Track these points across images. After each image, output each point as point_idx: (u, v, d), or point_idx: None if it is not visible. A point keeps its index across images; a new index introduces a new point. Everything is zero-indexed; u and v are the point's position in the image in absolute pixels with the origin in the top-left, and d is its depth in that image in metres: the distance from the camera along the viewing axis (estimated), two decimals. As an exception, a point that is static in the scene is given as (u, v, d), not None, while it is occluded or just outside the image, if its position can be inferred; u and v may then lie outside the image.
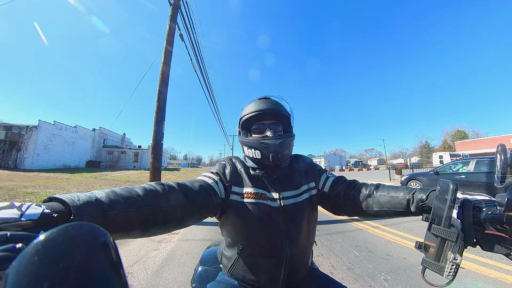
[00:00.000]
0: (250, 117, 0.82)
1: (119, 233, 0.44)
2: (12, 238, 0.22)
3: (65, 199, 0.36)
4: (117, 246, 0.20)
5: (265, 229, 0.73)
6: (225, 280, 0.78)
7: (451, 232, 0.46)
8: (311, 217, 0.81)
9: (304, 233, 0.77)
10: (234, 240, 0.78)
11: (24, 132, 17.56)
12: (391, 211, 0.68)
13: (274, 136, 0.78)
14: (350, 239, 3.52)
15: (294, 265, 0.75)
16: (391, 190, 0.70)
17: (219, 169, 0.81)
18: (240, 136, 0.88)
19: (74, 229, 0.18)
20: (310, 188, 0.83)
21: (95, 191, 0.44)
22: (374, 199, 0.72)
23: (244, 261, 0.75)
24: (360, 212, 0.76)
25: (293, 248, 0.73)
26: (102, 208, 0.40)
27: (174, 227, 0.58)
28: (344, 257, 2.79)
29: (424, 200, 0.59)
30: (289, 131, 0.88)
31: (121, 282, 0.19)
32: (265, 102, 0.82)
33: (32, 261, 0.16)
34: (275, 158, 0.76)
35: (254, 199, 0.74)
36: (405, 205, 0.64)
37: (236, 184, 0.78)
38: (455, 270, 0.45)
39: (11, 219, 0.25)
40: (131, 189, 0.50)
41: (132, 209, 0.46)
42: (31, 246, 0.17)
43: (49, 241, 0.17)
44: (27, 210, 0.27)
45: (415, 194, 0.62)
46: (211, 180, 0.74)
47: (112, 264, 0.19)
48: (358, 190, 0.77)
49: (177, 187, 0.60)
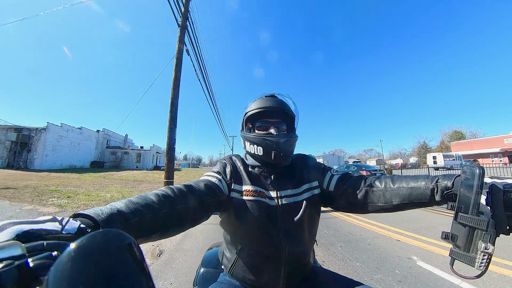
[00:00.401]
0: (255, 113, 0.82)
1: (141, 238, 0.48)
2: (48, 247, 0.24)
3: (91, 214, 0.39)
4: (141, 249, 0.22)
5: (263, 227, 0.73)
6: (226, 281, 0.79)
7: (481, 220, 0.43)
8: (312, 216, 0.79)
9: (304, 232, 0.76)
10: (233, 240, 0.79)
11: (33, 134, 18.42)
12: (412, 203, 0.64)
13: (279, 134, 0.78)
14: (325, 222, 4.50)
15: (294, 264, 0.74)
16: (410, 181, 0.66)
17: (220, 168, 0.83)
18: (243, 131, 0.88)
19: (101, 235, 0.21)
20: (312, 188, 0.81)
21: (114, 203, 0.47)
22: (393, 192, 0.67)
23: (244, 261, 0.76)
24: (378, 209, 0.71)
25: (292, 247, 0.72)
26: (124, 218, 0.44)
27: (188, 226, 0.61)
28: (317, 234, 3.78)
29: (450, 187, 0.55)
30: (293, 132, 0.88)
31: (147, 282, 0.20)
32: (272, 100, 0.82)
33: (67, 267, 0.18)
34: (277, 156, 0.76)
35: (253, 197, 0.75)
36: (429, 195, 0.60)
37: (236, 182, 0.79)
38: (487, 261, 0.42)
39: (53, 231, 0.28)
40: (146, 196, 0.53)
41: (150, 214, 0.49)
42: (65, 254, 0.19)
43: (80, 248, 0.19)
44: (67, 224, 0.30)
45: (439, 182, 0.58)
46: (215, 178, 0.76)
47: (138, 266, 0.20)
48: (371, 185, 0.73)
49: (186, 189, 0.63)
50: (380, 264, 2.57)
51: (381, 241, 3.41)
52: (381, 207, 0.70)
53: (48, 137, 18.65)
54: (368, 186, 0.73)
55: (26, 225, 0.27)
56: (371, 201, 0.72)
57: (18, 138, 17.77)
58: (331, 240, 3.47)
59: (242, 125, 0.89)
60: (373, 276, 2.31)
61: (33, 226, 0.27)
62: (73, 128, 21.98)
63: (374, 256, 2.83)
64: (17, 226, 0.26)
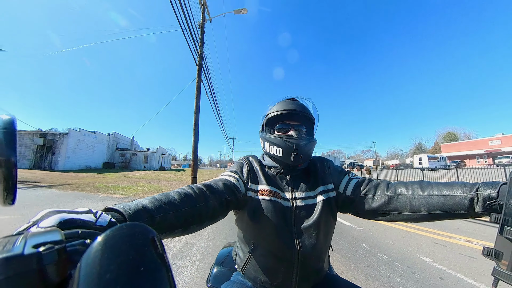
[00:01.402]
0: (275, 116, 0.83)
1: (164, 233, 0.50)
2: (83, 235, 0.27)
3: (120, 209, 0.42)
4: (163, 243, 0.24)
5: (276, 228, 0.73)
6: (239, 280, 0.80)
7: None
8: (327, 220, 0.76)
9: (318, 235, 0.73)
10: (247, 238, 0.80)
11: (57, 138, 20.70)
12: (445, 214, 0.58)
13: (299, 137, 0.79)
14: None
15: (307, 269, 0.73)
16: (444, 188, 0.59)
17: (237, 168, 0.85)
18: (263, 132, 0.89)
19: (128, 228, 0.22)
20: (328, 190, 0.80)
21: (140, 200, 0.50)
22: (422, 200, 0.62)
23: (256, 260, 0.76)
24: (404, 217, 0.66)
25: (305, 250, 0.71)
26: (149, 214, 0.47)
27: (208, 224, 0.63)
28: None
29: (494, 197, 0.49)
30: (311, 135, 0.89)
31: (168, 274, 0.22)
32: (293, 103, 0.83)
33: (97, 254, 0.20)
34: (297, 158, 0.76)
35: (268, 196, 0.76)
36: (467, 205, 0.54)
37: (253, 181, 0.81)
38: None
39: (89, 222, 0.30)
40: (168, 194, 0.56)
41: (172, 211, 0.52)
42: (96, 242, 0.21)
43: (109, 238, 0.21)
44: (100, 217, 0.33)
45: (480, 190, 0.52)
46: (233, 178, 0.78)
47: (160, 258, 0.22)
48: (395, 191, 0.68)
49: (205, 189, 0.65)
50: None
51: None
52: (408, 216, 0.65)
53: (69, 141, 20.95)
54: (392, 192, 0.69)
55: (67, 214, 0.30)
56: (395, 209, 0.68)
57: (44, 142, 20.07)
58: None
59: (262, 126, 0.90)
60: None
61: (73, 216, 0.30)
62: (89, 133, 24.29)
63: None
64: (60, 215, 0.29)
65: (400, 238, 3.78)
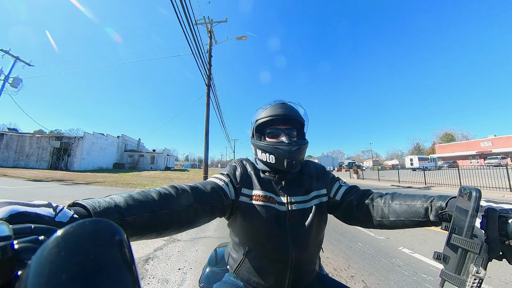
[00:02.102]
0: (265, 121, 0.83)
1: (135, 236, 0.46)
2: (36, 230, 0.24)
3: (87, 205, 0.38)
4: (130, 244, 0.22)
5: (272, 232, 0.73)
6: (230, 281, 0.80)
7: (474, 243, 0.42)
8: (319, 223, 0.79)
9: (311, 239, 0.76)
10: (241, 241, 0.80)
11: (73, 141, 22.53)
12: (408, 221, 0.66)
13: (290, 142, 0.79)
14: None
15: (300, 270, 0.75)
16: (408, 199, 0.68)
17: (230, 171, 0.83)
18: (253, 139, 0.89)
19: (91, 224, 0.20)
20: (320, 195, 0.83)
21: (114, 196, 0.46)
22: (390, 208, 0.70)
23: (250, 263, 0.76)
24: (376, 224, 0.73)
25: (299, 253, 0.73)
26: (120, 214, 0.43)
27: (187, 228, 0.60)
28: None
29: (443, 207, 0.56)
30: (302, 137, 0.89)
31: (133, 278, 0.20)
32: (282, 107, 0.83)
33: (52, 253, 0.17)
34: (290, 164, 0.77)
35: (262, 202, 0.76)
36: (423, 213, 0.61)
37: (246, 186, 0.80)
38: (478, 285, 0.41)
39: (46, 217, 0.27)
40: (147, 193, 0.53)
41: (148, 213, 0.48)
42: (52, 239, 0.18)
43: (68, 235, 0.18)
44: (60, 212, 0.29)
45: (433, 201, 0.60)
46: (222, 182, 0.76)
47: (125, 260, 0.20)
48: (372, 199, 0.76)
49: (190, 190, 0.62)
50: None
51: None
52: (379, 222, 0.72)
53: (84, 143, 22.80)
54: (370, 200, 0.76)
55: (21, 206, 0.26)
56: (370, 215, 0.74)
57: (61, 145, 21.91)
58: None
59: (253, 133, 0.90)
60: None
61: (28, 209, 0.27)
62: (101, 135, 26.14)
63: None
64: (12, 207, 0.26)
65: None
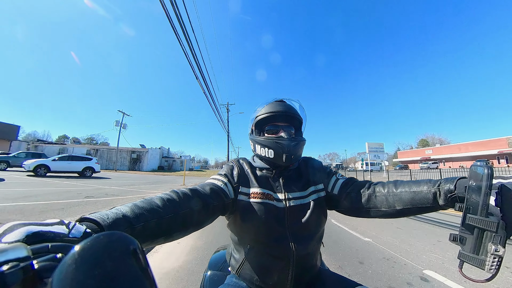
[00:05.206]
0: (265, 118, 0.84)
1: (145, 242, 0.48)
2: (53, 249, 0.25)
3: (97, 219, 0.39)
4: (145, 252, 0.22)
5: (271, 229, 0.74)
6: (233, 282, 0.80)
7: (490, 222, 0.42)
8: (319, 218, 0.79)
9: (311, 234, 0.77)
10: (241, 241, 0.80)
11: (142, 154, 37.35)
12: (415, 208, 0.64)
13: (289, 138, 0.80)
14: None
15: (301, 266, 0.75)
16: (413, 185, 0.67)
17: (227, 171, 0.84)
18: (252, 135, 0.90)
19: (105, 238, 0.21)
20: (318, 190, 0.83)
21: (120, 207, 0.47)
22: (396, 196, 0.68)
23: (252, 261, 0.76)
24: (382, 213, 0.72)
25: (299, 249, 0.73)
26: (129, 223, 0.44)
27: (192, 230, 0.61)
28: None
29: (452, 190, 0.55)
30: (300, 135, 0.91)
31: (151, 283, 0.20)
32: (281, 104, 0.85)
33: (71, 269, 0.18)
34: (288, 158, 0.78)
35: (260, 199, 0.76)
36: (431, 199, 0.60)
37: (243, 184, 0.81)
38: (498, 263, 0.41)
39: (61, 234, 0.28)
40: (150, 200, 0.54)
41: (155, 219, 0.50)
42: (70, 256, 0.19)
43: (85, 250, 0.19)
44: (73, 229, 0.30)
45: (441, 185, 0.59)
46: (221, 182, 0.77)
47: (142, 268, 0.20)
48: (374, 190, 0.75)
49: (191, 193, 0.64)
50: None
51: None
52: (385, 212, 0.71)
53: (148, 154, 37.60)
54: (371, 190, 0.75)
55: (35, 226, 0.27)
56: (374, 206, 0.73)
57: (136, 156, 36.70)
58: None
59: (252, 129, 0.91)
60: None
61: (42, 228, 0.27)
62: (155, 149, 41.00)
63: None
64: (27, 227, 0.26)
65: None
